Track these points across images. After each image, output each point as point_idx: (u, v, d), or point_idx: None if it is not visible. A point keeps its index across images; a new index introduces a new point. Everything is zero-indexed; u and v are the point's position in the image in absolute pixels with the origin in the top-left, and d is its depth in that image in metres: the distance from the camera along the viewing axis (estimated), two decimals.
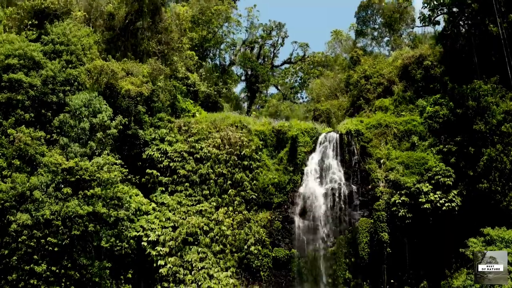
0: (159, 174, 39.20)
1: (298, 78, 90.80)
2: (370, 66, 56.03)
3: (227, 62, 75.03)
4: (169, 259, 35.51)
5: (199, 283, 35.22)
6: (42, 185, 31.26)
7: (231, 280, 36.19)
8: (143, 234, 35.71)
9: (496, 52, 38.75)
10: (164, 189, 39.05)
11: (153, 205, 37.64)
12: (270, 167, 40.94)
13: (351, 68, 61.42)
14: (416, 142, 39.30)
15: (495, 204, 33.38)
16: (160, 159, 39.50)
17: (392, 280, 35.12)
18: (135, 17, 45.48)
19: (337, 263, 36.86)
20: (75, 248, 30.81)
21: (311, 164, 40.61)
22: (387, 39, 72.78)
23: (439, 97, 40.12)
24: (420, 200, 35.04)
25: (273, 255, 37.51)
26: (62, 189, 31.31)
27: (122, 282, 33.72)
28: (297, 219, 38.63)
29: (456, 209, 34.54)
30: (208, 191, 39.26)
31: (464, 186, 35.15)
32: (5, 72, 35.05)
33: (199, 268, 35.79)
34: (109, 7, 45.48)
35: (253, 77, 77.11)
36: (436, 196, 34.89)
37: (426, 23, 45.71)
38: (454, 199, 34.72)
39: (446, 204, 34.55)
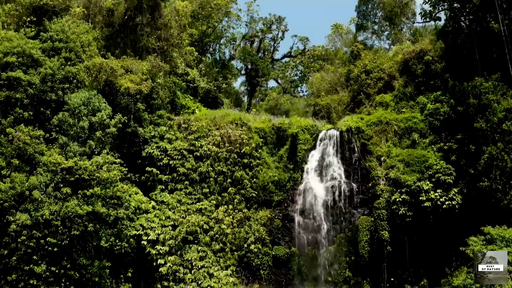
0: (159, 172, 39.03)
1: (298, 72, 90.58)
2: (371, 61, 55.83)
3: (227, 57, 74.81)
4: (169, 258, 35.41)
5: (199, 282, 35.16)
6: (41, 185, 31.12)
7: (231, 279, 36.11)
8: (143, 233, 35.61)
9: (498, 49, 38.43)
10: (164, 187, 38.90)
11: (153, 204, 37.49)
12: (270, 165, 40.77)
13: (352, 63, 61.19)
14: (417, 140, 39.07)
15: (496, 203, 33.23)
16: (160, 157, 39.33)
17: (392, 279, 34.95)
18: (135, 13, 45.18)
19: (337, 262, 36.79)
20: (75, 248, 30.70)
21: (312, 162, 40.46)
22: (388, 33, 72.52)
23: (440, 94, 39.82)
24: (421, 198, 34.82)
25: (273, 254, 37.42)
26: (62, 189, 31.18)
27: (122, 281, 33.66)
28: (297, 217, 38.49)
29: (457, 208, 34.34)
30: (208, 189, 39.12)
31: (465, 184, 34.96)
32: (4, 70, 34.83)
33: (199, 267, 35.71)
34: (108, 3, 45.07)
35: (253, 71, 76.82)
36: (437, 194, 34.67)
37: (427, 19, 45.33)
38: (455, 198, 34.51)
39: (447, 203, 34.34)
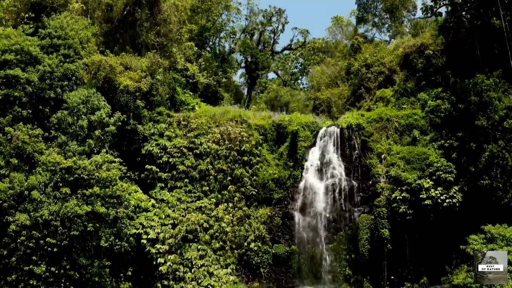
0: (159, 170, 38.79)
1: (299, 65, 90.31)
2: (371, 55, 55.75)
3: (227, 51, 74.48)
4: (169, 257, 35.28)
5: (199, 281, 35.08)
6: (40, 185, 30.84)
7: (231, 277, 36.09)
8: (143, 232, 35.45)
9: (499, 45, 38.18)
10: (164, 185, 38.69)
11: (153, 202, 37.27)
12: (270, 162, 40.64)
13: (352, 56, 61.05)
14: (417, 137, 38.87)
15: (496, 201, 33.18)
16: (159, 155, 39.06)
17: (393, 277, 34.93)
18: (134, 8, 44.77)
19: (337, 260, 36.76)
20: (74, 248, 30.45)
21: (312, 159, 40.31)
22: (388, 25, 72.20)
23: (441, 91, 39.48)
24: (421, 196, 34.70)
25: (273, 252, 37.39)
26: (61, 189, 30.88)
27: (122, 280, 33.50)
28: (297, 215, 38.43)
29: (457, 206, 34.26)
30: (208, 187, 38.96)
31: (465, 182, 34.86)
32: (2, 68, 34.33)
33: (199, 266, 35.63)
34: None
35: (253, 64, 76.61)
36: (437, 192, 34.56)
37: (429, 14, 45.05)
38: (455, 196, 34.40)
39: (447, 201, 34.24)
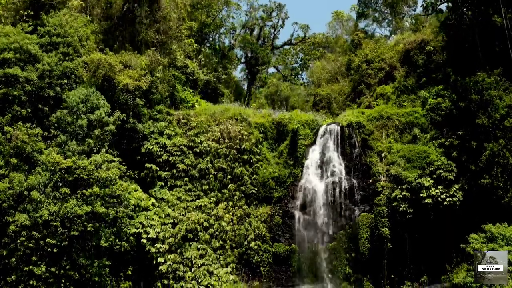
0: (158, 169, 38.70)
1: (299, 60, 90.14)
2: (372, 51, 55.56)
3: (227, 46, 74.18)
4: (169, 256, 35.24)
5: (199, 280, 35.06)
6: (40, 185, 30.80)
7: (231, 276, 36.06)
8: (143, 231, 35.40)
9: (500, 43, 38.02)
10: (164, 184, 38.59)
11: (152, 201, 37.19)
12: (270, 161, 40.49)
13: (352, 52, 60.81)
14: (418, 135, 38.69)
15: (497, 200, 33.07)
16: (159, 153, 38.96)
17: (393, 275, 34.88)
18: (133, 5, 44.51)
19: (338, 259, 36.68)
20: (74, 248, 30.46)
21: (312, 157, 40.11)
22: (389, 20, 72.01)
23: (442, 89, 39.31)
24: (421, 195, 34.58)
25: (273, 251, 37.32)
26: (60, 189, 30.85)
27: (122, 279, 33.48)
28: (298, 214, 38.31)
29: (458, 204, 34.12)
30: (208, 186, 38.83)
31: (466, 181, 34.71)
32: (1, 67, 34.32)
33: (199, 265, 35.60)
34: None
35: (253, 59, 76.37)
36: (438, 191, 34.44)
37: (429, 11, 44.88)
38: (456, 194, 34.29)
39: (448, 199, 34.13)
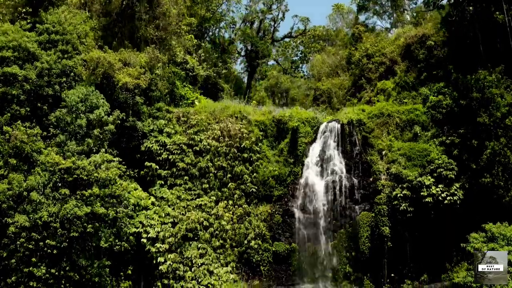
0: (158, 167, 38.49)
1: (299, 53, 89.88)
2: (372, 45, 55.38)
3: (227, 40, 73.85)
4: (169, 256, 35.16)
5: (199, 280, 35.02)
6: (39, 186, 30.64)
7: (231, 276, 36.00)
8: (143, 231, 35.28)
9: (502, 41, 37.79)
10: (163, 183, 38.42)
11: (152, 199, 37.02)
12: (271, 159, 40.28)
13: (353, 45, 60.62)
14: (419, 133, 38.51)
15: (498, 199, 33.08)
16: (159, 152, 38.76)
17: (393, 274, 34.87)
18: (132, 1, 43.96)
19: (338, 257, 36.65)
20: (74, 250, 30.34)
21: (312, 155, 39.99)
22: (389, 13, 71.84)
23: (443, 86, 39.08)
24: (422, 194, 34.45)
25: (273, 250, 37.17)
26: (60, 190, 30.70)
27: (122, 279, 33.39)
28: (298, 213, 38.20)
29: (458, 203, 34.04)
30: (208, 185, 38.66)
31: (467, 180, 34.60)
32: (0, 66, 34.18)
33: (199, 265, 35.54)
34: None
35: (253, 53, 76.06)
36: (438, 190, 34.32)
37: (431, 7, 44.63)
38: (456, 193, 34.18)
39: (448, 198, 34.03)
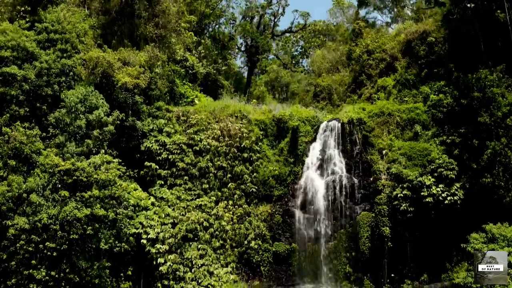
0: (158, 167, 38.36)
1: (299, 47, 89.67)
2: (373, 41, 55.32)
3: (227, 36, 73.56)
4: (169, 257, 35.12)
5: (199, 281, 34.99)
6: (39, 188, 30.57)
7: (231, 276, 35.98)
8: (142, 232, 35.19)
9: (503, 39, 37.58)
10: (163, 183, 38.30)
11: (152, 200, 36.91)
12: (271, 158, 40.15)
13: (353, 41, 60.47)
14: (419, 132, 38.35)
15: (498, 199, 32.89)
16: (159, 151, 38.63)
17: (393, 274, 34.81)
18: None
19: (338, 258, 36.57)
20: (74, 251, 30.31)
21: (312, 155, 39.87)
22: (390, 8, 71.61)
23: (443, 85, 38.94)
24: (422, 194, 34.27)
25: (274, 250, 37.13)
26: (60, 191, 30.63)
27: (122, 280, 33.36)
28: (298, 213, 38.13)
29: (459, 203, 33.85)
30: (208, 185, 38.55)
31: (467, 180, 34.42)
32: None
33: (199, 265, 35.50)
34: None
35: (253, 48, 75.86)
36: (439, 190, 34.15)
37: (432, 4, 44.36)
38: (457, 193, 34.00)
39: (449, 198, 33.86)
